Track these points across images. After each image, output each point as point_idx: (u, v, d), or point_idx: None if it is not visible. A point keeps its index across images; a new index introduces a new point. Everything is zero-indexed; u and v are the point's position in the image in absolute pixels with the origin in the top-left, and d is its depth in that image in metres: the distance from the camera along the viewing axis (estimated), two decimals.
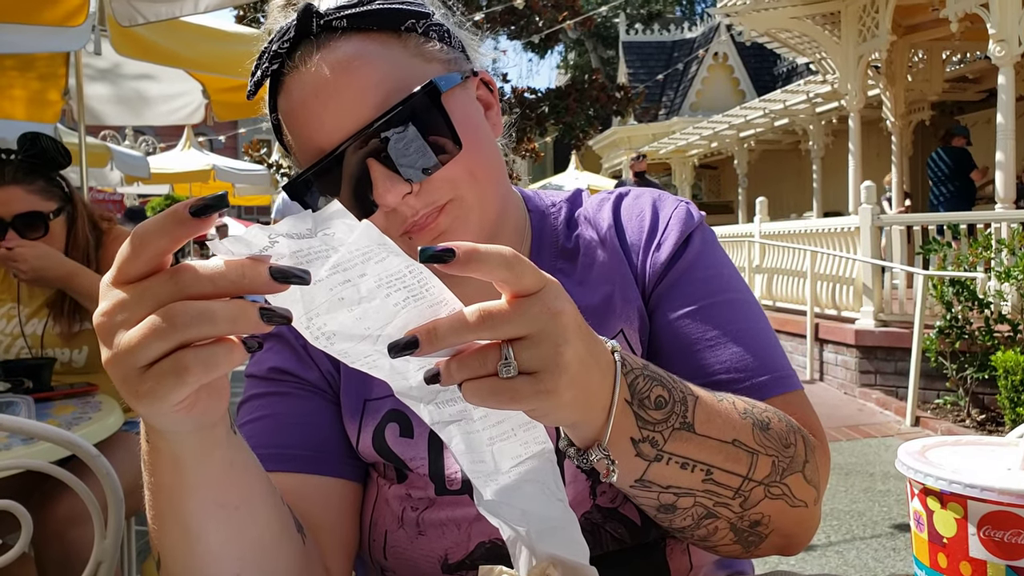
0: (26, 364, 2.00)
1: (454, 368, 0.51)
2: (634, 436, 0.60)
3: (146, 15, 2.95)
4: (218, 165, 11.28)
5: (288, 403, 0.84)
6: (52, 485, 1.34)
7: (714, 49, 18.35)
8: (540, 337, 0.51)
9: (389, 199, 0.70)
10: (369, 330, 0.51)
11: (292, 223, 0.48)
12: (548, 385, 0.51)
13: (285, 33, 0.73)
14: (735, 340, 0.81)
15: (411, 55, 0.74)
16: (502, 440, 0.57)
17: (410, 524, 0.82)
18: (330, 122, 0.71)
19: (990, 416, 5.14)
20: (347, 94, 0.71)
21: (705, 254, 0.86)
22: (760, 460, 0.67)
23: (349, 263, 0.49)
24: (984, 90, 10.91)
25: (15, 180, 1.98)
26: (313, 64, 0.72)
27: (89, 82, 4.32)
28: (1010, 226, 5.79)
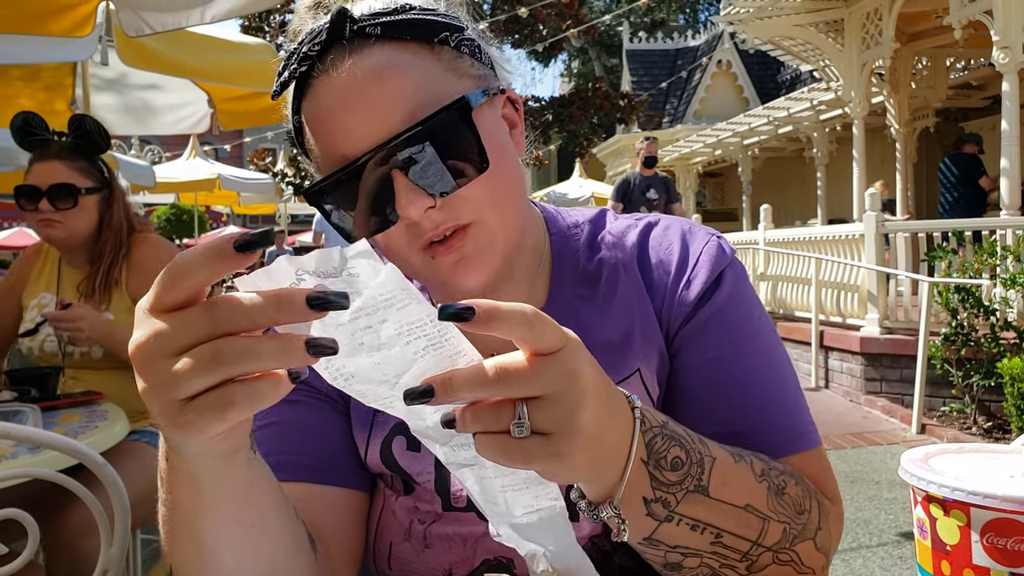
0: (32, 373, 2.01)
1: (468, 418, 0.51)
2: (647, 496, 0.60)
3: (152, 26, 2.97)
4: (223, 174, 11.32)
5: (298, 411, 0.84)
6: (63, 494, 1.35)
7: (718, 57, 18.37)
8: (556, 399, 0.50)
9: (412, 212, 0.69)
10: (387, 376, 0.51)
11: (319, 259, 0.48)
12: (561, 448, 0.51)
13: (316, 36, 0.71)
14: (757, 392, 0.79)
15: (443, 68, 0.73)
16: (514, 490, 0.57)
17: (417, 537, 0.81)
18: (357, 130, 0.70)
19: (996, 423, 5.11)
20: (377, 104, 0.69)
21: (735, 296, 0.83)
22: (771, 526, 0.66)
23: (372, 308, 0.49)
24: (988, 97, 10.90)
25: (58, 156, 2.16)
26: (344, 70, 0.70)
27: (95, 92, 4.34)
28: (1015, 233, 5.78)
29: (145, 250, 2.23)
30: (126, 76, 4.48)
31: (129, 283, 2.19)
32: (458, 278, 0.73)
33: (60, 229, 2.13)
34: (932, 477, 0.54)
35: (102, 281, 2.16)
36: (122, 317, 2.15)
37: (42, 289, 2.26)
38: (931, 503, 0.55)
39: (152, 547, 3.05)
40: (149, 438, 2.12)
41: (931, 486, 0.54)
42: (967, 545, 0.52)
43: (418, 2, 0.75)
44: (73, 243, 2.19)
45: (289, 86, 0.74)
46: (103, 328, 2.02)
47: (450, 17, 0.75)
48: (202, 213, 16.88)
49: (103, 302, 2.15)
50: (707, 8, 31.15)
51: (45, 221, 2.11)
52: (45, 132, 2.21)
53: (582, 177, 15.27)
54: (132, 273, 2.19)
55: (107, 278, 2.17)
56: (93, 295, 2.15)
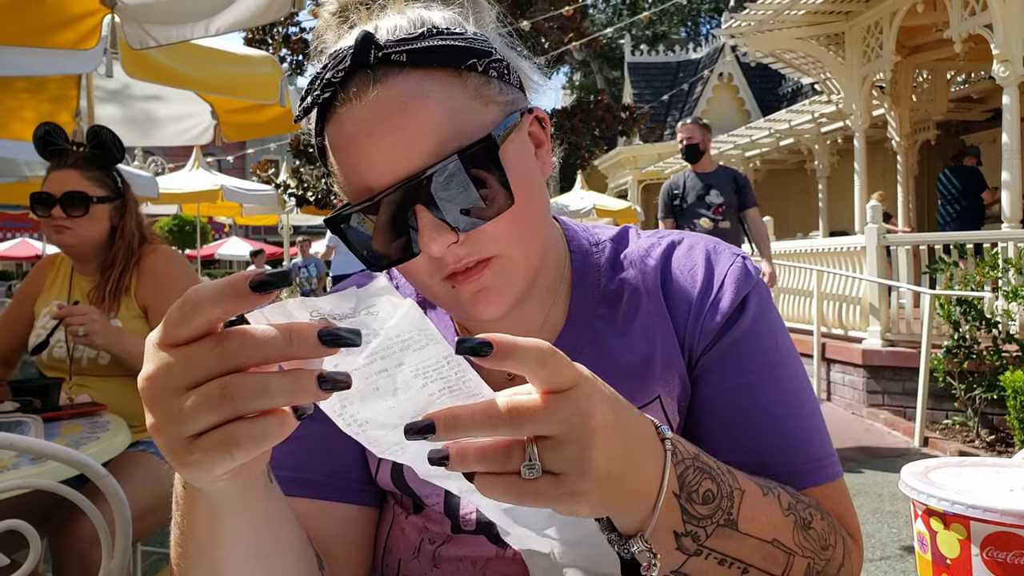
0: (35, 384, 2.01)
1: (473, 459, 0.50)
2: (677, 530, 0.59)
3: (157, 38, 3.00)
4: (226, 185, 11.34)
5: (308, 426, 0.83)
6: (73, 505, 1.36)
7: (719, 69, 18.44)
8: (567, 440, 0.50)
9: (435, 248, 0.67)
10: (402, 419, 0.51)
11: (336, 301, 0.47)
12: (572, 488, 0.50)
13: (340, 61, 0.69)
14: (782, 421, 0.77)
15: (469, 96, 0.70)
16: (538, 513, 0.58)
17: (426, 556, 0.81)
18: (381, 163, 0.68)
19: (999, 436, 5.10)
20: (401, 137, 0.67)
21: (760, 321, 0.80)
22: (796, 561, 0.66)
23: (387, 351, 0.48)
24: (989, 110, 10.93)
25: (74, 165, 2.21)
26: (368, 100, 0.67)
27: (99, 103, 4.37)
28: (1017, 245, 5.78)
29: (155, 259, 2.26)
30: (129, 87, 4.51)
31: (138, 291, 2.21)
32: (478, 308, 0.72)
33: (70, 235, 2.17)
34: (932, 491, 0.54)
35: (112, 288, 2.19)
36: (130, 324, 2.17)
37: (54, 297, 2.29)
38: (931, 517, 0.55)
39: (153, 559, 3.04)
40: (155, 448, 2.12)
41: (931, 500, 0.54)
42: (967, 559, 0.52)
43: (445, 23, 0.72)
44: (83, 250, 2.22)
45: (312, 111, 0.73)
46: (111, 329, 2.05)
47: (479, 41, 0.72)
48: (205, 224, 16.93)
49: (112, 309, 2.18)
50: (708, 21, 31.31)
51: (56, 227, 2.16)
52: (64, 142, 2.27)
53: (583, 189, 15.29)
54: (142, 282, 2.22)
55: (117, 286, 2.20)
56: (103, 302, 2.18)
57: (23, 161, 6.04)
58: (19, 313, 2.34)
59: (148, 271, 2.23)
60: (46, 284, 2.35)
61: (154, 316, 2.20)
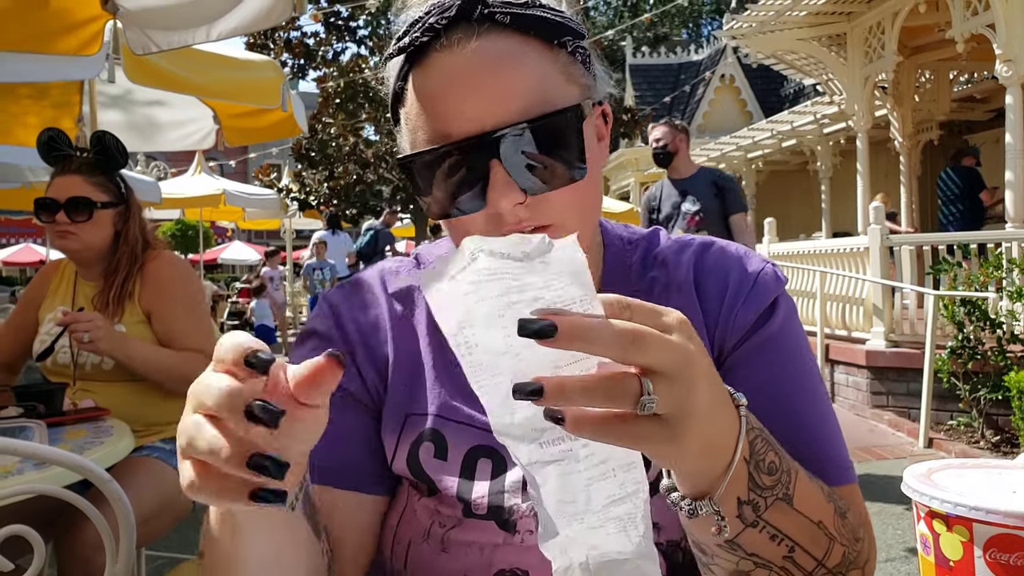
0: (39, 389, 2.02)
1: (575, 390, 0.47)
2: (741, 496, 0.59)
3: (159, 44, 3.00)
4: (228, 190, 11.38)
5: None
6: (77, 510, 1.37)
7: (721, 71, 18.44)
8: (677, 377, 0.48)
9: (503, 204, 0.69)
10: (511, 347, 0.49)
11: (513, 243, 0.48)
12: (676, 430, 0.49)
13: (446, 9, 0.71)
14: (808, 420, 0.78)
15: (558, 71, 0.73)
16: (601, 480, 0.55)
17: (435, 540, 0.81)
18: (469, 112, 0.69)
19: (1005, 437, 5.08)
20: (494, 91, 0.69)
21: (788, 324, 0.83)
22: (835, 548, 0.66)
23: (531, 286, 0.48)
24: (992, 110, 10.91)
25: (78, 171, 2.22)
26: (468, 50, 0.70)
27: (102, 109, 4.38)
28: (1021, 245, 5.77)
29: (158, 265, 2.27)
30: (131, 93, 4.52)
31: (142, 296, 2.22)
32: None
33: (73, 240, 2.18)
34: (935, 493, 0.54)
35: (116, 294, 2.20)
36: (134, 330, 2.18)
37: (58, 303, 2.30)
38: (934, 519, 0.55)
39: (157, 563, 3.05)
40: (159, 453, 2.13)
41: (934, 502, 0.54)
42: (970, 561, 0.52)
43: None
44: (87, 255, 2.23)
45: (402, 53, 0.74)
46: (116, 335, 2.05)
47: (573, 21, 0.76)
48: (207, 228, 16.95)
49: (116, 314, 2.18)
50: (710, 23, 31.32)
51: (60, 232, 2.17)
52: (68, 148, 2.28)
53: None
54: (145, 287, 2.23)
55: (121, 291, 2.21)
56: (107, 307, 2.19)
57: (27, 167, 6.07)
58: (23, 319, 2.35)
59: (152, 276, 2.24)
60: (50, 290, 2.35)
61: (157, 321, 2.20)
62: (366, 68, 14.80)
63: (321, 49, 15.39)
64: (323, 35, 15.45)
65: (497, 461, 0.80)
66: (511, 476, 0.79)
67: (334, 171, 15.81)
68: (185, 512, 2.14)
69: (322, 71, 15.16)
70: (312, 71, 15.39)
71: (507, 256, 0.48)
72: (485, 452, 0.80)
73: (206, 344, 2.23)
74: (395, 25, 0.77)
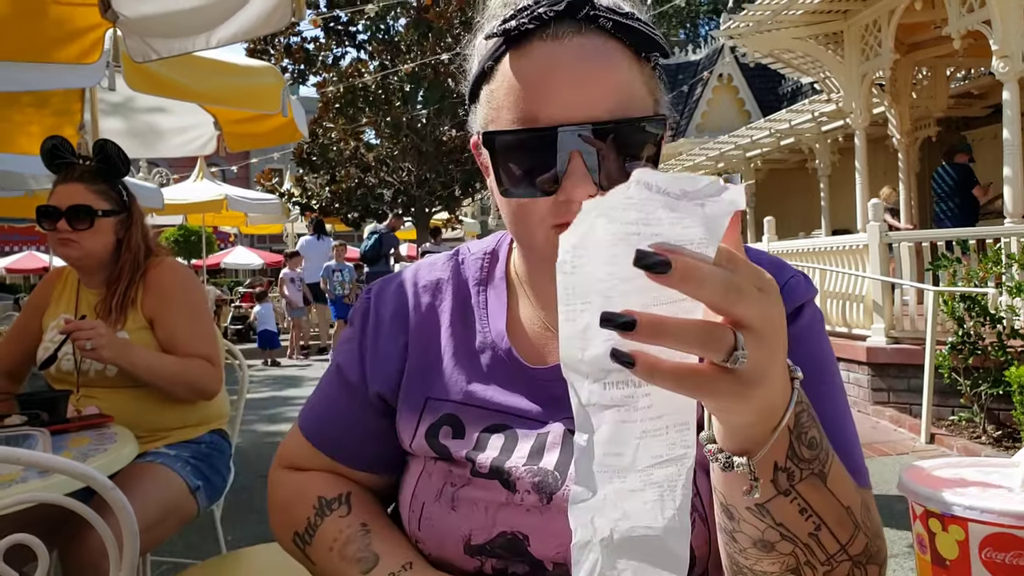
0: (42, 397, 2.02)
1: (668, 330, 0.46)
2: (779, 462, 0.60)
3: (159, 51, 3.02)
4: (230, 195, 11.41)
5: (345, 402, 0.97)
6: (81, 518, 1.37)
7: (719, 71, 18.44)
8: (765, 335, 0.48)
9: (577, 193, 0.72)
10: (611, 276, 0.48)
11: (674, 180, 0.46)
12: (750, 388, 0.49)
13: (556, 3, 0.76)
14: (831, 422, 0.80)
15: (641, 81, 0.78)
16: (653, 435, 0.53)
17: (446, 499, 0.85)
18: (562, 100, 0.74)
19: (1006, 432, 5.08)
20: (591, 85, 0.74)
21: (814, 329, 0.85)
22: (859, 536, 0.67)
23: (657, 221, 0.47)
24: (990, 105, 10.91)
25: (80, 179, 2.23)
26: (572, 43, 0.75)
27: (103, 117, 4.39)
28: (1020, 240, 5.77)
29: (161, 272, 2.27)
30: (132, 100, 4.54)
31: (144, 304, 2.22)
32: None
33: (75, 248, 2.19)
34: (930, 493, 0.55)
35: (118, 301, 2.20)
36: (137, 336, 2.18)
37: (61, 310, 2.30)
38: (930, 518, 0.55)
39: (162, 569, 3.05)
40: (164, 459, 2.13)
41: (929, 501, 0.55)
42: (966, 560, 0.53)
43: (637, 12, 0.80)
44: (89, 263, 2.24)
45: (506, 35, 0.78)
46: (119, 343, 2.06)
47: (663, 40, 0.81)
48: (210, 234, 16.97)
49: (119, 322, 2.19)
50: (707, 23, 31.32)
51: (62, 240, 2.18)
52: (71, 156, 2.28)
53: None
54: (148, 294, 2.23)
55: (123, 298, 2.21)
56: (109, 315, 2.19)
57: (29, 175, 6.08)
58: (27, 327, 2.35)
59: (154, 284, 2.24)
60: (53, 297, 2.36)
61: (160, 328, 2.21)
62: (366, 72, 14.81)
63: (321, 54, 15.40)
64: (323, 40, 15.46)
65: (509, 436, 0.85)
66: (519, 450, 0.84)
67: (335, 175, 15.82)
68: (190, 517, 2.15)
69: (322, 76, 15.17)
70: (312, 76, 15.40)
71: (662, 191, 0.47)
72: (499, 429, 0.86)
73: (209, 350, 2.23)
74: (484, 12, 0.83)
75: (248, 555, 1.93)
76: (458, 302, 0.95)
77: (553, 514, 0.80)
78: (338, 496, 0.93)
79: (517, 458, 0.83)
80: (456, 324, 0.92)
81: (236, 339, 14.31)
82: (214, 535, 2.53)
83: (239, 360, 2.74)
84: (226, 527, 2.65)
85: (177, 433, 2.25)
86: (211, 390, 2.23)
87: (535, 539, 0.81)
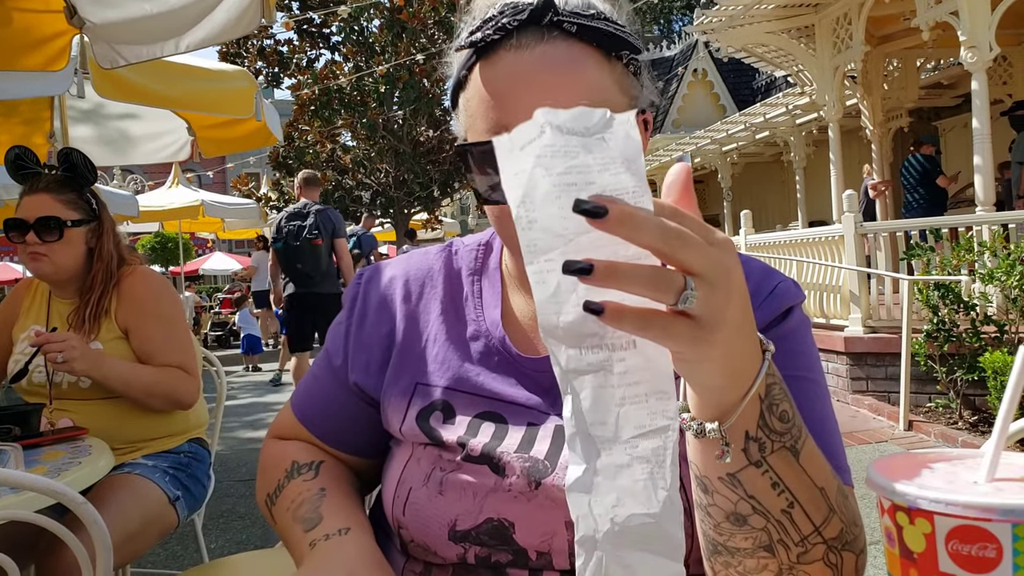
0: (14, 411, 1.99)
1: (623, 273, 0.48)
2: (750, 431, 0.60)
3: (127, 57, 2.97)
4: (207, 201, 11.31)
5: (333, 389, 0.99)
6: None
7: (693, 66, 18.54)
8: (715, 282, 0.50)
9: None
10: (567, 231, 0.50)
11: (576, 115, 0.49)
12: (706, 334, 0.51)
13: (519, 12, 0.76)
14: (815, 419, 0.80)
15: (612, 81, 0.78)
16: (633, 403, 0.55)
17: (434, 483, 0.85)
18: (528, 109, 0.72)
19: (982, 417, 5.16)
20: (559, 93, 0.74)
21: (801, 332, 0.87)
22: (834, 519, 0.67)
23: (587, 168, 0.49)
24: (959, 95, 11.07)
25: (46, 189, 2.18)
26: (537, 52, 0.75)
27: (73, 124, 4.33)
28: (991, 228, 5.86)
29: (134, 281, 2.24)
30: (103, 107, 4.48)
31: (118, 313, 2.19)
32: None
33: (47, 263, 2.15)
34: (896, 486, 0.55)
35: (92, 311, 2.17)
36: (111, 347, 2.15)
37: (32, 322, 2.26)
38: (897, 511, 0.56)
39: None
40: (142, 470, 2.11)
41: (895, 495, 0.55)
42: (933, 553, 0.53)
43: (605, 11, 0.80)
44: (62, 276, 2.20)
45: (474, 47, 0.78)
46: (92, 354, 2.03)
47: (633, 36, 0.81)
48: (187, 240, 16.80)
49: (92, 332, 2.16)
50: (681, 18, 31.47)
51: (33, 255, 2.14)
52: (36, 165, 2.24)
53: None
54: (122, 303, 2.20)
55: (97, 308, 2.18)
56: (83, 325, 2.16)
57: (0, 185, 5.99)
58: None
59: (128, 293, 2.21)
60: (23, 309, 2.32)
61: (135, 338, 2.18)
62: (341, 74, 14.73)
63: (295, 57, 15.30)
64: (297, 42, 15.35)
65: (500, 424, 0.86)
66: (511, 437, 0.84)
67: None
68: (170, 528, 2.12)
69: (297, 78, 15.07)
70: (287, 79, 15.30)
71: (572, 132, 0.49)
72: (490, 416, 0.86)
73: (185, 359, 2.21)
74: (465, 18, 0.83)
75: (231, 563, 1.91)
76: (450, 290, 0.95)
77: (540, 501, 0.81)
78: (310, 462, 0.97)
79: (508, 444, 0.84)
80: (448, 312, 0.94)
81: (217, 345, 14.18)
82: (196, 544, 2.51)
83: (216, 367, 2.71)
84: (209, 535, 2.63)
85: (155, 443, 2.23)
86: (188, 400, 2.21)
87: (521, 527, 0.81)
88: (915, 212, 8.47)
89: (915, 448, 4.94)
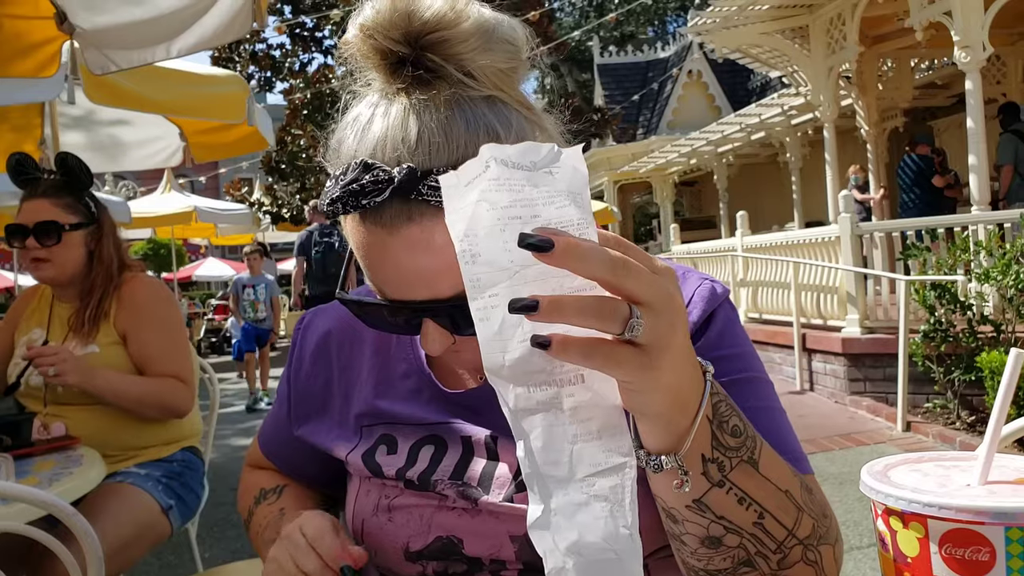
0: (5, 421, 1.97)
1: (569, 307, 0.48)
2: (706, 454, 0.60)
3: (119, 63, 2.97)
4: (199, 206, 11.26)
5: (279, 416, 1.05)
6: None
7: (688, 67, 18.59)
8: (661, 310, 0.51)
9: (436, 349, 0.75)
10: (512, 263, 0.49)
11: (524, 151, 0.49)
12: (652, 360, 0.51)
13: (378, 185, 0.67)
14: (757, 416, 0.79)
15: None
16: (585, 440, 0.54)
17: (383, 511, 0.89)
18: (397, 283, 0.73)
19: (980, 417, 5.16)
20: (423, 275, 0.71)
21: (728, 333, 0.86)
22: (804, 519, 0.68)
23: (532, 201, 0.49)
24: (954, 95, 11.09)
25: (44, 194, 2.20)
26: (402, 235, 0.69)
27: (64, 130, 4.32)
28: (986, 228, 5.86)
29: (134, 287, 2.24)
30: (95, 113, 4.46)
31: (117, 318, 2.19)
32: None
33: (48, 268, 2.16)
34: (890, 490, 0.55)
35: (91, 314, 2.18)
36: (108, 351, 2.15)
37: (34, 326, 2.28)
38: (891, 516, 0.55)
39: None
40: (134, 479, 2.10)
41: (889, 499, 0.54)
42: (927, 557, 0.53)
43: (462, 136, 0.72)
44: (64, 280, 2.21)
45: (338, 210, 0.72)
46: (84, 367, 2.03)
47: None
48: (180, 247, 16.78)
49: (91, 335, 2.16)
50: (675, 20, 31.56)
51: (34, 261, 2.16)
52: (35, 171, 2.25)
53: None
54: (121, 308, 2.20)
55: (96, 311, 2.18)
56: (82, 328, 2.16)
57: None
58: (1, 343, 2.32)
59: (128, 298, 2.21)
60: (27, 313, 2.33)
61: (132, 344, 2.17)
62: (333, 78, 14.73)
63: (288, 61, 15.30)
64: (289, 47, 15.36)
65: (439, 447, 0.89)
66: (446, 462, 0.87)
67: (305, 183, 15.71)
68: (163, 537, 2.11)
69: (289, 83, 15.07)
70: (279, 83, 15.30)
71: (518, 166, 0.49)
72: (429, 441, 0.89)
73: (181, 369, 2.20)
74: (335, 147, 0.76)
75: (225, 572, 1.90)
76: (380, 333, 0.97)
77: (483, 517, 0.83)
78: (274, 487, 1.05)
79: (443, 470, 0.86)
80: (381, 353, 0.96)
81: (210, 351, 14.15)
82: (191, 553, 2.49)
83: (209, 374, 2.70)
84: (203, 544, 2.62)
85: (148, 452, 2.21)
86: (182, 409, 2.20)
87: (468, 541, 0.84)
88: (911, 212, 8.48)
89: (913, 449, 4.94)
